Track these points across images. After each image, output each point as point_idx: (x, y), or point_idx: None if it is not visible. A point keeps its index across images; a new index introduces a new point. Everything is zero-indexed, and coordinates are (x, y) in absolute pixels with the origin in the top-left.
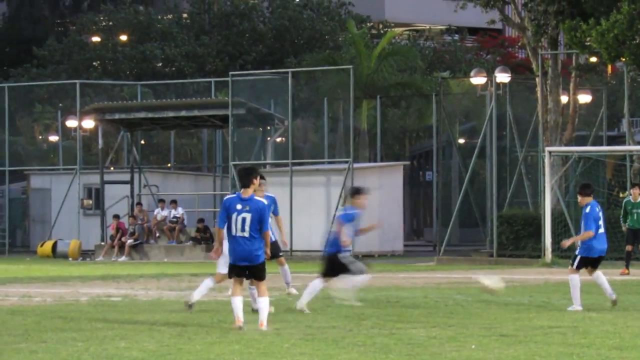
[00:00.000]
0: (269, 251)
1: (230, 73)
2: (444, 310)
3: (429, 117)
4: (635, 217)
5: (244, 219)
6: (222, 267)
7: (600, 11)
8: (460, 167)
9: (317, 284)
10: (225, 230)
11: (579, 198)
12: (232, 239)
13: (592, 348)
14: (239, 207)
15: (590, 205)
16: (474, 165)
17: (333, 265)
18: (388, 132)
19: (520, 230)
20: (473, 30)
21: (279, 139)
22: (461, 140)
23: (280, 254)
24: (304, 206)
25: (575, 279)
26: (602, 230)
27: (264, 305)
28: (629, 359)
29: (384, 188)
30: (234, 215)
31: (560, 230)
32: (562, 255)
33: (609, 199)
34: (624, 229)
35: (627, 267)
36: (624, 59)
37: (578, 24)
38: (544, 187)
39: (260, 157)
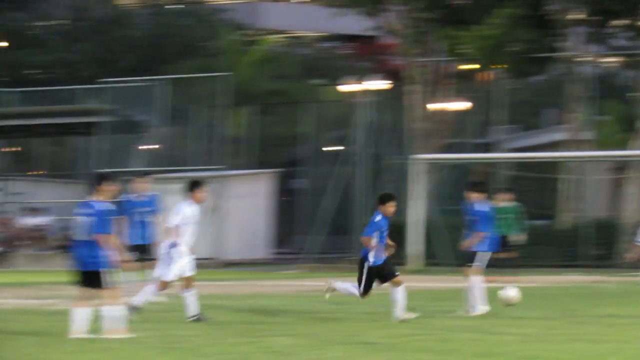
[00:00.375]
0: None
1: (99, 80)
2: (307, 318)
3: (303, 124)
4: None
5: (84, 223)
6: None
7: (477, 19)
8: (332, 174)
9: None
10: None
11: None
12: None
13: (454, 355)
14: (82, 211)
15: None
16: (345, 172)
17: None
18: (263, 139)
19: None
20: (349, 38)
21: (152, 146)
22: (333, 147)
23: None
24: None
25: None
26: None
27: (109, 314)
28: None
29: (255, 196)
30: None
31: (429, 237)
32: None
33: None
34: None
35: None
36: (501, 66)
37: (454, 30)
38: (412, 194)
39: (132, 164)
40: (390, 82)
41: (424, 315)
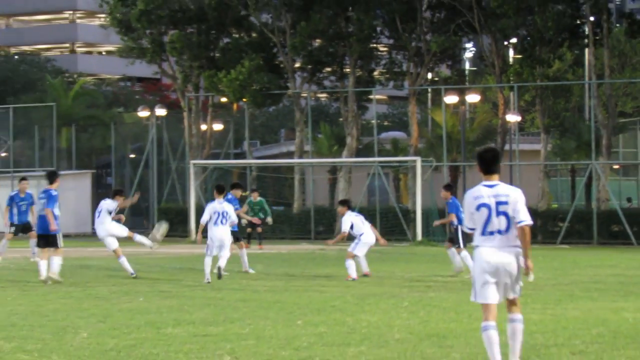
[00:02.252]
0: None
1: None
2: (120, 274)
3: (109, 139)
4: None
5: None
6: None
7: (230, 66)
8: (131, 174)
9: None
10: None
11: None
12: None
13: (224, 300)
14: None
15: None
16: (141, 173)
17: None
18: (80, 149)
19: (173, 218)
20: (140, 79)
21: (4, 154)
22: (132, 156)
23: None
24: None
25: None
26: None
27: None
28: (250, 307)
29: (78, 189)
30: None
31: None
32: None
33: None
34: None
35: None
36: (245, 99)
37: (214, 73)
38: (190, 189)
39: None
40: (170, 109)
41: (200, 273)
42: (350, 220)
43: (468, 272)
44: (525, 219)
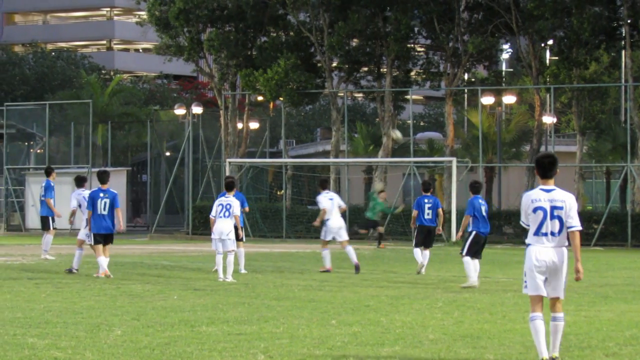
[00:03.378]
0: None
1: (5, 104)
2: (154, 272)
3: (144, 136)
4: None
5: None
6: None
7: (267, 64)
8: (166, 172)
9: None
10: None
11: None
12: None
13: (258, 298)
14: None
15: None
16: (176, 170)
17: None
18: (116, 147)
19: (208, 216)
20: (177, 77)
21: (39, 150)
22: (167, 153)
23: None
24: (57, 198)
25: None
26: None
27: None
28: (285, 307)
29: (113, 186)
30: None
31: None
32: None
33: (270, 195)
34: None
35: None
36: (281, 98)
37: (251, 72)
38: None
39: (26, 163)
40: (207, 107)
41: (235, 271)
42: (322, 200)
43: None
44: (577, 224)
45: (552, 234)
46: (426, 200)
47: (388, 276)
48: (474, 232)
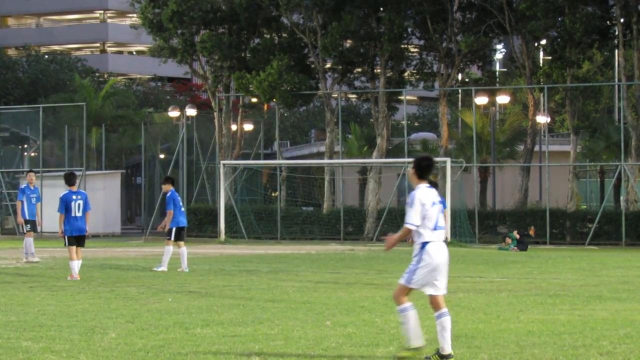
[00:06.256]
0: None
1: None
2: (148, 274)
3: (138, 139)
4: None
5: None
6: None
7: (260, 66)
8: (161, 174)
9: None
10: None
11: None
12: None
13: (253, 300)
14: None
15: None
16: (171, 173)
17: None
18: (110, 149)
19: (202, 218)
20: (171, 79)
21: (33, 154)
22: (162, 156)
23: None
24: (51, 201)
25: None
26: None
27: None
28: (279, 308)
29: (107, 188)
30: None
31: (230, 218)
32: (232, 236)
33: (265, 197)
34: None
35: None
36: (275, 100)
37: (244, 74)
38: (220, 189)
39: (20, 166)
40: (201, 110)
41: (229, 273)
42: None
43: None
44: None
45: (442, 228)
46: None
47: (382, 277)
48: None
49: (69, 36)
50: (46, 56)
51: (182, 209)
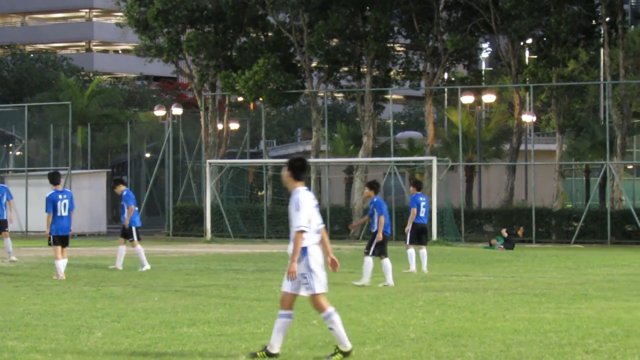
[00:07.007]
0: None
1: None
2: (134, 274)
3: (124, 138)
4: None
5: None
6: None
7: (245, 65)
8: (147, 173)
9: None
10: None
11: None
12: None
13: (239, 299)
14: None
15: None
16: (157, 172)
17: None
18: (95, 148)
19: (188, 218)
20: (157, 78)
21: (18, 153)
22: (147, 155)
23: (6, 229)
24: (36, 200)
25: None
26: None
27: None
28: (266, 307)
29: (93, 188)
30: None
31: (217, 217)
32: (218, 235)
33: (251, 196)
34: None
35: None
36: (261, 99)
37: (230, 73)
38: (206, 188)
39: (5, 165)
40: (187, 109)
41: (215, 272)
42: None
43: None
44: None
45: (319, 231)
46: (421, 199)
47: None
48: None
49: (55, 35)
50: (31, 55)
51: (136, 208)
